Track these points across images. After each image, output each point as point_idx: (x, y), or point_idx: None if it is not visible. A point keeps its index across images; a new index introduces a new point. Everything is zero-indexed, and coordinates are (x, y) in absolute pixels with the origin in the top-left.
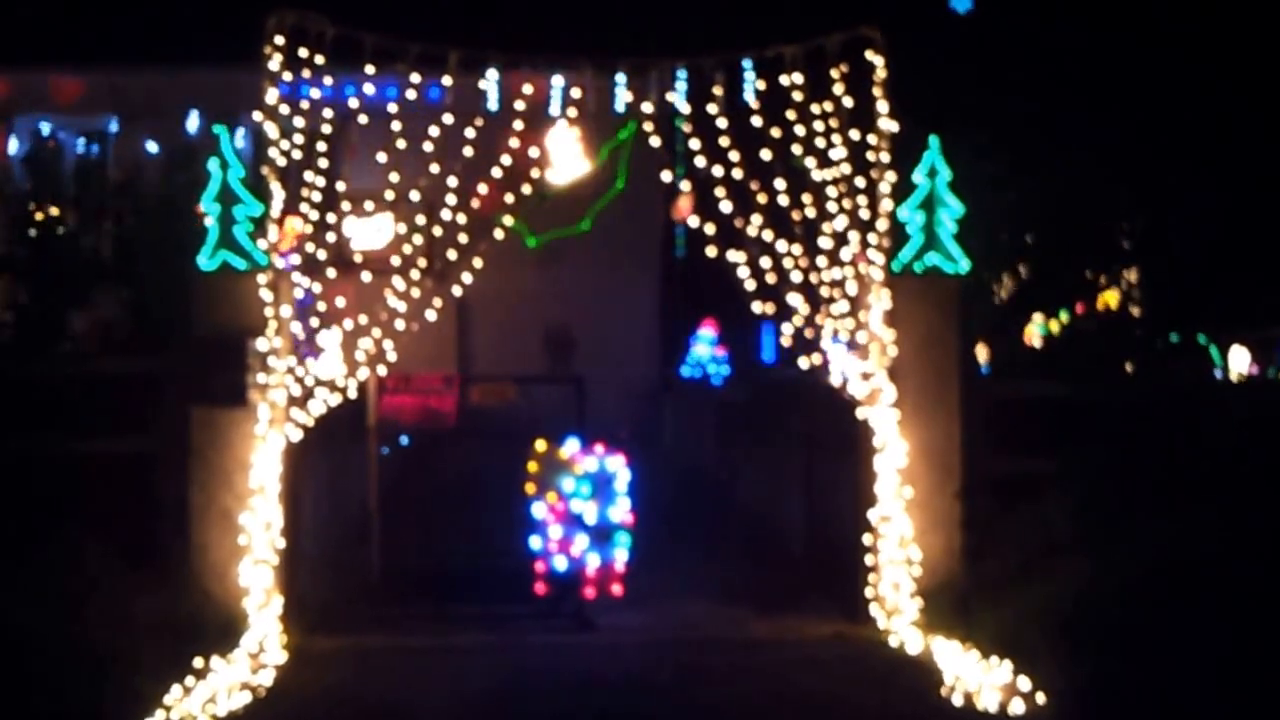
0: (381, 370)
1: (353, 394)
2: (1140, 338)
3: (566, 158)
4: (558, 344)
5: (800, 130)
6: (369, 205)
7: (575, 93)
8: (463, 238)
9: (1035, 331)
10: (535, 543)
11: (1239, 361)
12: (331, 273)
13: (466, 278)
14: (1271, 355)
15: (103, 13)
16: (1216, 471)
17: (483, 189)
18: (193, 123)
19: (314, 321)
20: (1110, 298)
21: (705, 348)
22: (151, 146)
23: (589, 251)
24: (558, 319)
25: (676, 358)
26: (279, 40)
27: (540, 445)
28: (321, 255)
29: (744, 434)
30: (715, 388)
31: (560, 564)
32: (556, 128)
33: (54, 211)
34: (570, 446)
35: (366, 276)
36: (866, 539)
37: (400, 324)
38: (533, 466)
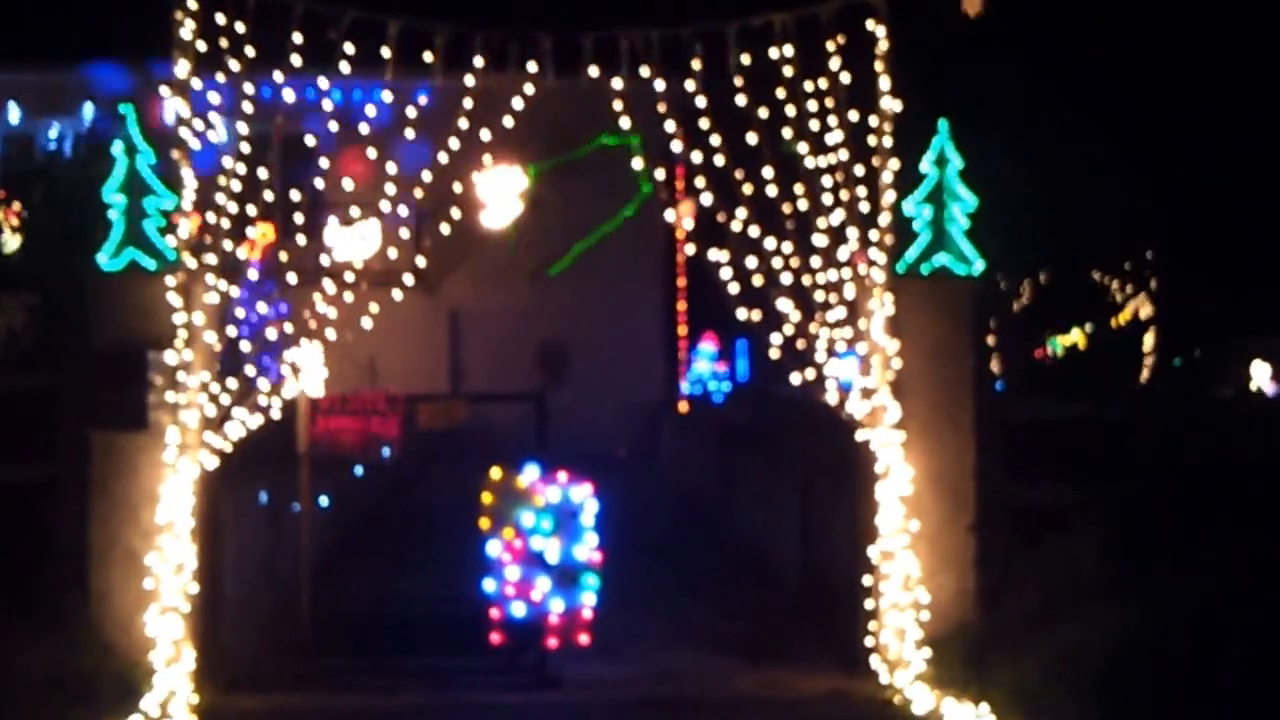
0: (317, 389)
1: (277, 415)
2: (1166, 352)
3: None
4: (552, 360)
5: (791, 111)
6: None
7: (532, 66)
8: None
9: (1053, 345)
10: (490, 586)
11: (1260, 376)
12: (293, 279)
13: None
14: None
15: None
16: (1265, 500)
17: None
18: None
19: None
20: (1131, 311)
21: (706, 364)
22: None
23: (586, 265)
24: (553, 335)
25: (677, 374)
26: (191, 4)
27: (495, 473)
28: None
29: (742, 455)
30: (715, 405)
31: (519, 610)
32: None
33: None
34: (529, 474)
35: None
36: (867, 579)
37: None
38: (487, 498)
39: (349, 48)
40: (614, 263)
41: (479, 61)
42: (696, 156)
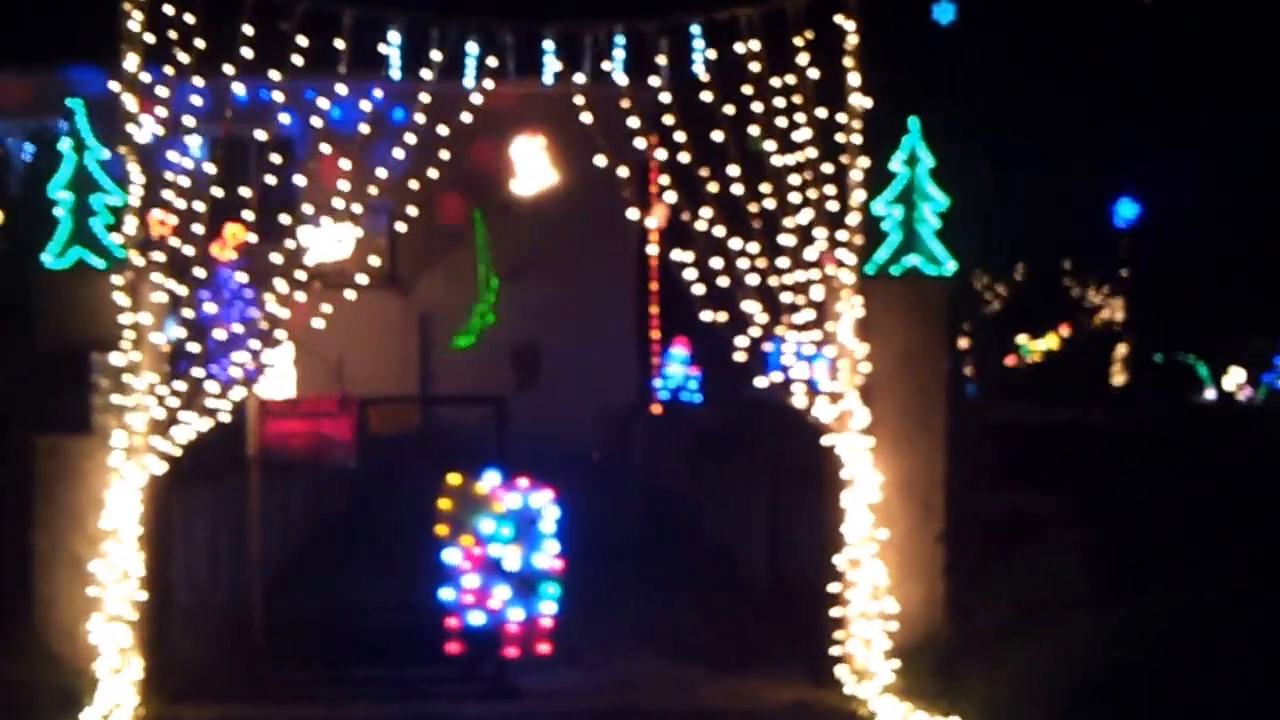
0: (269, 393)
1: (226, 418)
2: (1134, 356)
3: (532, 167)
4: (524, 363)
5: (758, 107)
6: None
7: (492, 62)
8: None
9: (1025, 350)
10: (448, 594)
11: (1234, 382)
12: (285, 286)
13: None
14: (1259, 376)
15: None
16: (1248, 507)
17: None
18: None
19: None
20: (1105, 315)
21: (679, 367)
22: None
23: (559, 267)
24: (526, 337)
25: (650, 377)
26: None
27: (453, 479)
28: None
29: (713, 459)
30: (689, 409)
31: (477, 619)
32: (520, 137)
33: None
34: (489, 480)
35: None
36: (834, 587)
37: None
38: (445, 504)
39: (302, 40)
40: (587, 266)
41: (436, 55)
42: (661, 154)
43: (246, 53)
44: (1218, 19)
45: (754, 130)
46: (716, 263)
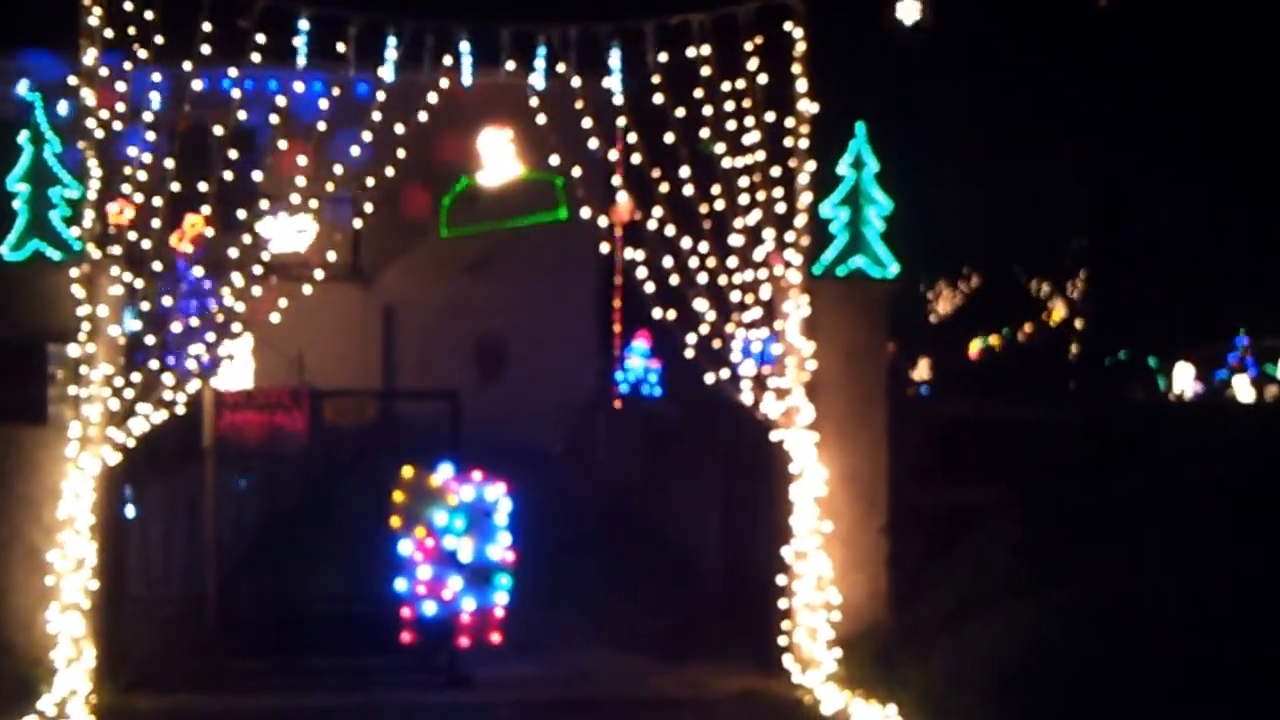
0: (224, 384)
1: (181, 410)
2: (1086, 355)
3: (498, 158)
4: (488, 356)
5: (708, 110)
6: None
7: (447, 60)
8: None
9: (977, 346)
10: (401, 585)
11: (1183, 379)
12: (238, 278)
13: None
14: (1214, 370)
15: None
16: (1175, 499)
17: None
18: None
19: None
20: (1057, 314)
21: (639, 360)
22: None
23: (522, 260)
24: (490, 331)
25: (612, 371)
26: None
27: (407, 472)
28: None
29: (669, 453)
30: (649, 402)
31: (430, 609)
32: (488, 129)
33: None
34: (443, 473)
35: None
36: (781, 579)
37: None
38: (399, 496)
39: (260, 37)
40: (550, 260)
41: (392, 53)
42: (614, 155)
43: (205, 49)
44: (1169, 23)
45: (705, 133)
46: (668, 261)
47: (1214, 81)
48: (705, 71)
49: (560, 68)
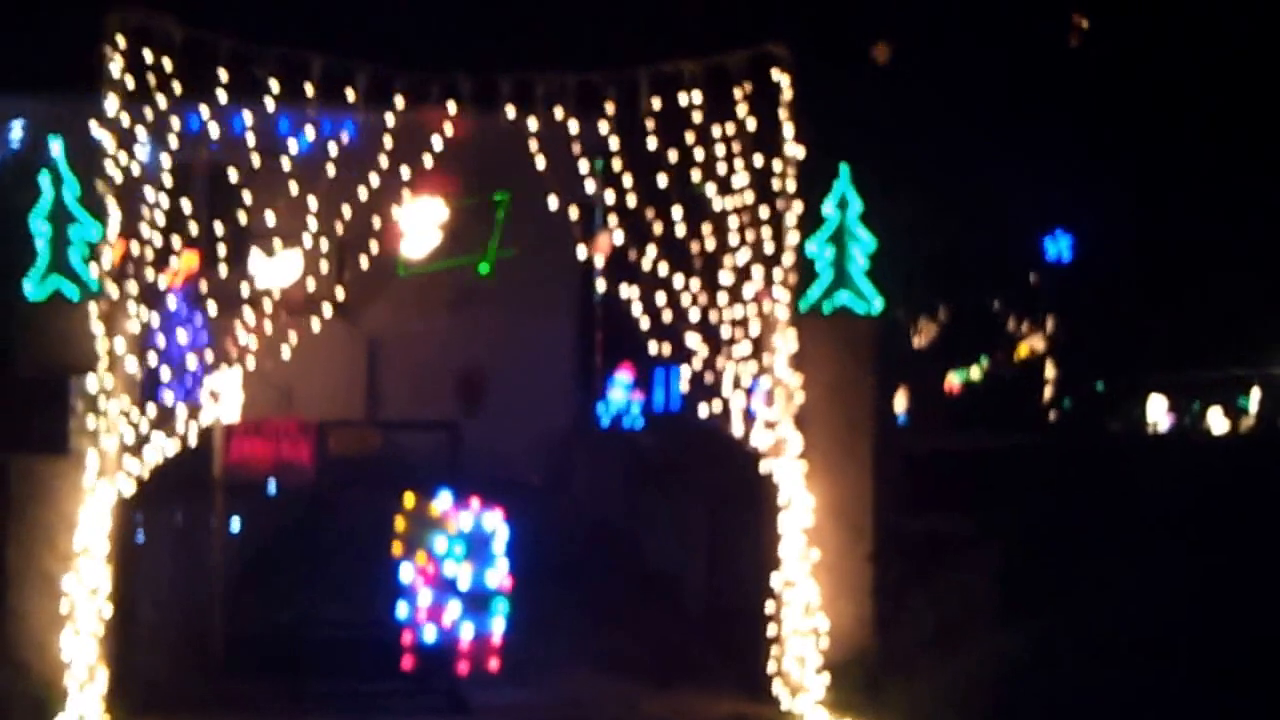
0: (235, 415)
1: (194, 441)
2: (1060, 387)
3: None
4: (469, 388)
5: (700, 154)
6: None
7: (451, 108)
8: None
9: (958, 377)
10: (402, 610)
11: (1156, 411)
12: (212, 307)
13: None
14: (1187, 403)
15: None
16: (1146, 530)
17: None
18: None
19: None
20: (1025, 349)
21: (621, 392)
22: None
23: (503, 293)
24: (470, 363)
25: (592, 403)
26: (120, 42)
27: (409, 500)
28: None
29: (654, 484)
30: (630, 434)
31: (430, 635)
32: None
33: None
34: (442, 501)
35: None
36: (769, 606)
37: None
38: (400, 524)
39: (273, 84)
40: (531, 293)
41: (400, 101)
42: (609, 197)
43: (221, 96)
44: (1143, 59)
45: (696, 175)
46: (661, 298)
47: (1181, 118)
48: (697, 117)
49: (558, 114)
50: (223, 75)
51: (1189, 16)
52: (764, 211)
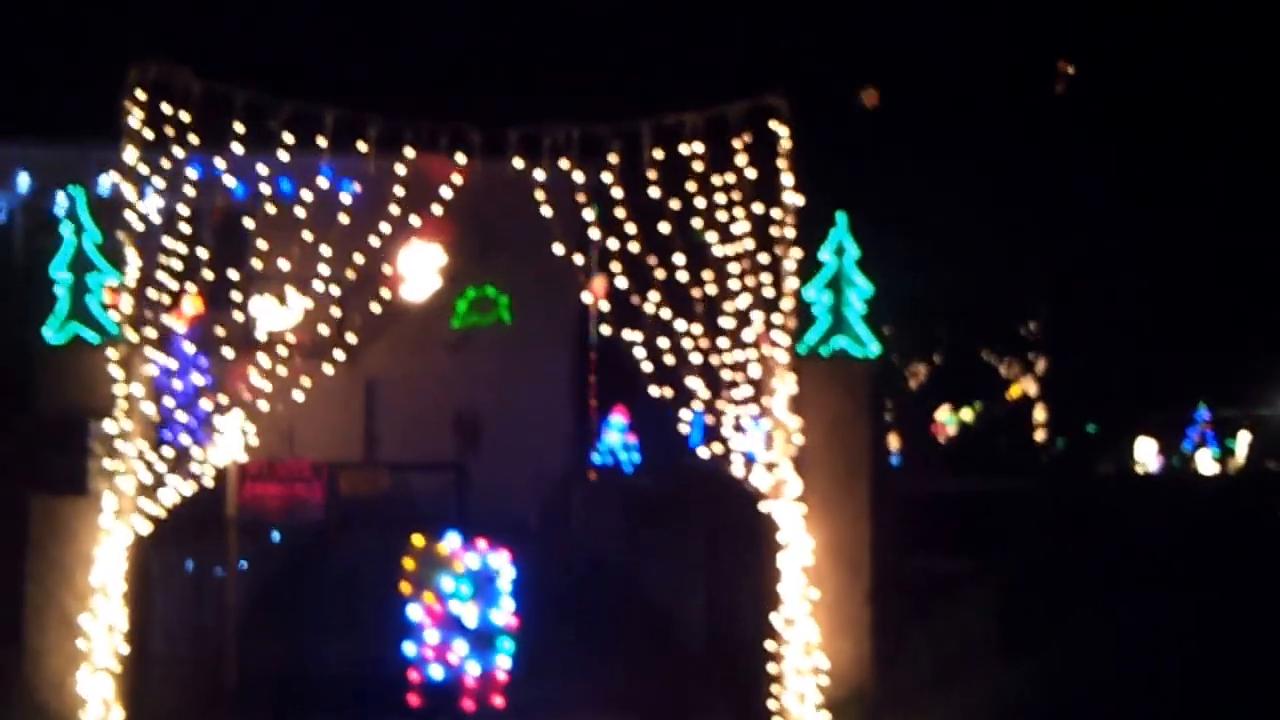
0: (243, 456)
1: (209, 482)
2: (1051, 429)
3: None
4: (465, 430)
5: (701, 202)
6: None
7: (460, 158)
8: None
9: (947, 421)
10: (410, 648)
11: (1145, 452)
12: (229, 352)
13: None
14: (1176, 444)
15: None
16: (1138, 568)
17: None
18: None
19: (208, 404)
20: (1017, 390)
21: (616, 435)
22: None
23: (500, 336)
24: (467, 405)
25: (588, 445)
26: (140, 95)
27: (417, 540)
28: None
29: (652, 524)
30: (625, 475)
31: (437, 672)
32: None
33: None
34: (450, 541)
35: (264, 358)
36: (770, 644)
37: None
38: (409, 563)
39: (287, 137)
40: (527, 336)
41: (410, 152)
42: (613, 243)
43: (237, 148)
44: (1126, 105)
45: (697, 223)
46: (663, 342)
47: (1169, 160)
48: (698, 167)
49: (564, 164)
50: (238, 127)
51: (1179, 57)
52: (763, 258)
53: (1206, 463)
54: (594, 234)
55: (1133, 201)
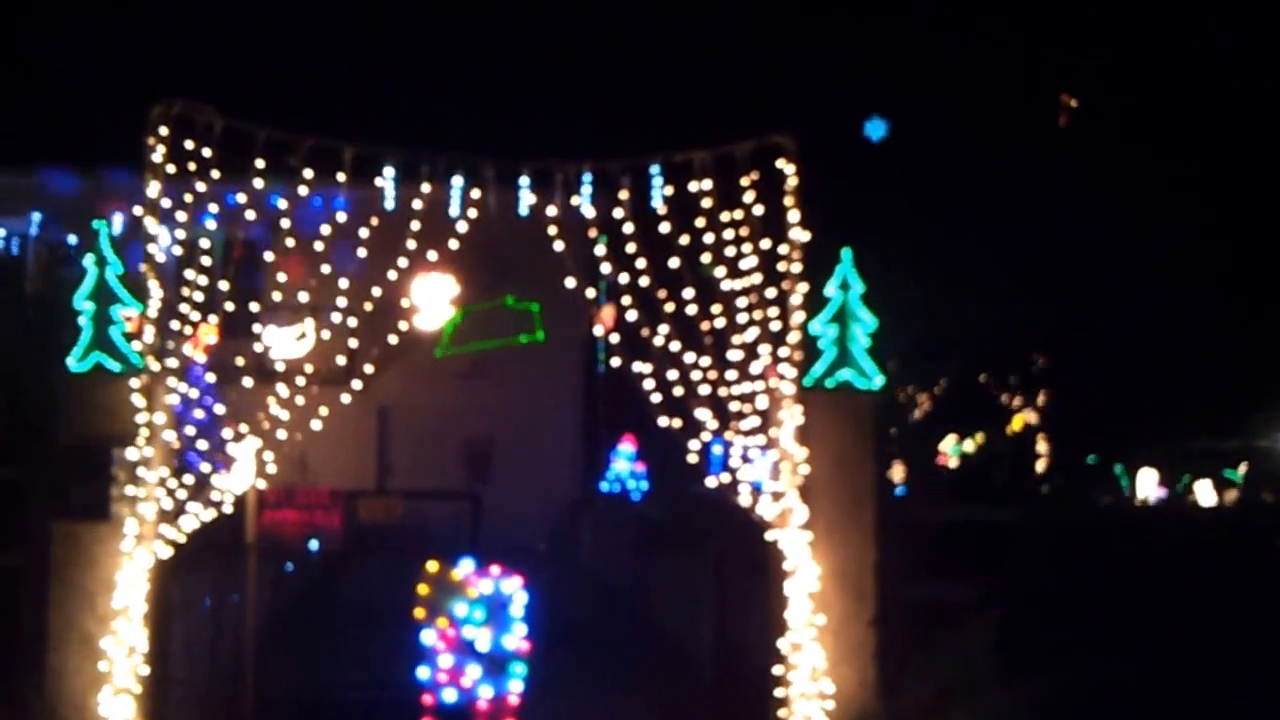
0: (261, 483)
1: (229, 508)
2: (1053, 460)
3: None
4: (476, 458)
5: (709, 238)
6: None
7: (475, 193)
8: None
9: (950, 452)
10: (423, 673)
11: (1147, 484)
12: (248, 381)
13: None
14: (1177, 475)
15: (22, 114)
16: (1140, 599)
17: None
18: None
19: (224, 432)
20: (1019, 421)
21: (624, 463)
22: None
23: (510, 365)
24: (477, 433)
25: (596, 473)
26: (163, 131)
27: (432, 566)
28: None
29: (660, 551)
30: (634, 503)
31: (450, 696)
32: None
33: None
34: (464, 567)
35: (283, 388)
36: (777, 669)
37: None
38: (423, 589)
39: (307, 172)
40: (537, 366)
41: (426, 188)
42: (624, 277)
43: (258, 183)
44: (1129, 134)
45: (706, 258)
46: (672, 374)
47: (1172, 199)
48: (706, 203)
49: (575, 201)
50: (259, 163)
51: (1184, 96)
52: (771, 292)
53: (1206, 494)
54: (605, 268)
55: (1136, 236)
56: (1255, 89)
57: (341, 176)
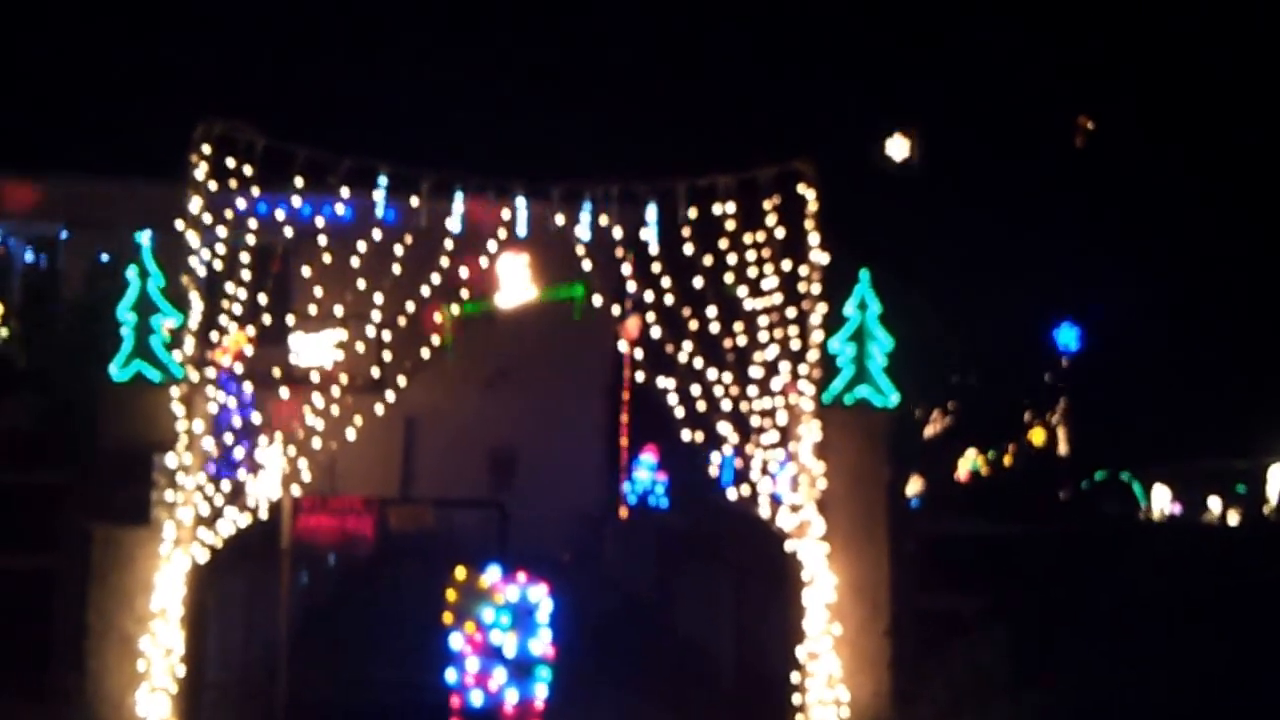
0: (296, 490)
1: (264, 514)
2: (1067, 475)
3: (514, 282)
4: (500, 467)
5: (732, 259)
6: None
7: (505, 214)
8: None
9: (966, 467)
10: (451, 676)
11: (1161, 499)
12: (285, 392)
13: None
14: (1191, 492)
15: (57, 123)
16: (1143, 608)
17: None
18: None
19: (253, 437)
20: (1038, 436)
21: (647, 473)
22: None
23: (536, 374)
24: (502, 443)
25: (619, 482)
26: (205, 149)
27: (460, 573)
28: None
29: (681, 561)
30: (656, 513)
31: (477, 699)
32: (506, 254)
33: None
34: (491, 574)
35: (317, 396)
36: (795, 677)
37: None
38: (452, 595)
39: (344, 191)
40: (561, 376)
41: (459, 205)
42: (649, 295)
43: (295, 201)
44: (1145, 156)
45: (729, 278)
46: (695, 390)
47: (1188, 217)
48: (730, 226)
49: (604, 220)
50: (298, 181)
51: (1200, 113)
52: (791, 312)
53: (1217, 509)
54: (631, 286)
55: (1155, 251)
56: (1274, 111)
57: (379, 195)
